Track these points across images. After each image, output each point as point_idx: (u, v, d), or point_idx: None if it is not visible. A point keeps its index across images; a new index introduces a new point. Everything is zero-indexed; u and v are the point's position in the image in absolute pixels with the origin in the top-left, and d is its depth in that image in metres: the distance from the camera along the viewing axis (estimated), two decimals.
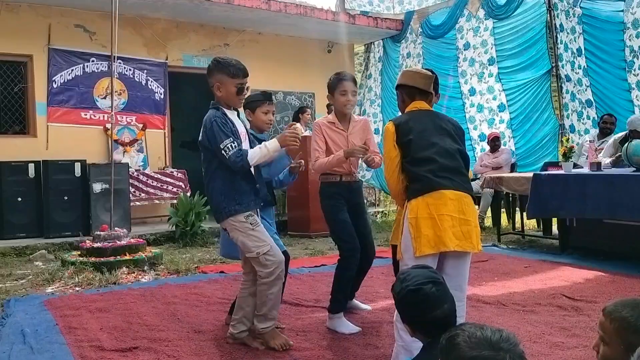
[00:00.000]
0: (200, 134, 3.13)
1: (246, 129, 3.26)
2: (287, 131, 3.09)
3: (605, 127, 6.69)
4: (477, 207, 7.82)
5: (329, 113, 4.63)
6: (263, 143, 3.10)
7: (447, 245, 2.62)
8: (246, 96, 3.35)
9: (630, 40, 6.85)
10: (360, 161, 3.82)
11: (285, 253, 3.54)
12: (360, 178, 3.98)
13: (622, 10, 6.91)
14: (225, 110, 3.15)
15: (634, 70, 6.87)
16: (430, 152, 2.75)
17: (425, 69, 3.04)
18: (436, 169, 2.71)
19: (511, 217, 7.70)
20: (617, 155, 5.84)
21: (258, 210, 3.22)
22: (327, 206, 3.72)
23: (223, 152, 2.98)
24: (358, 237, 3.66)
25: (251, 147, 3.18)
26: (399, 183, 2.83)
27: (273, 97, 4.11)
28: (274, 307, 3.17)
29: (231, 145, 2.97)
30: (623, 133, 6.18)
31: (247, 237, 3.07)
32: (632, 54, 6.87)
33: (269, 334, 3.19)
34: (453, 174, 2.74)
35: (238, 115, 3.27)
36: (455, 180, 2.73)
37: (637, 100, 6.87)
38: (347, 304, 3.81)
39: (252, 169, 3.16)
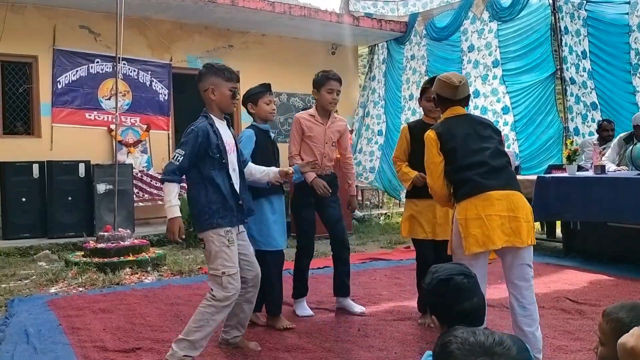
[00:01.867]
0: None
1: (235, 140, 3.21)
2: (176, 233, 2.94)
3: (606, 135, 6.66)
4: None
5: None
6: (172, 203, 2.94)
7: (495, 244, 2.73)
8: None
9: (635, 42, 6.84)
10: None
11: (281, 253, 3.73)
12: (332, 171, 4.09)
13: (627, 13, 6.89)
14: (215, 119, 3.06)
15: (639, 73, 6.86)
16: (475, 157, 2.86)
17: (456, 75, 3.09)
18: (483, 172, 2.83)
19: None
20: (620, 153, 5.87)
21: (238, 227, 3.11)
22: (293, 200, 4.09)
23: (172, 155, 2.98)
24: (327, 228, 3.98)
25: (239, 158, 3.18)
26: (444, 187, 2.94)
27: (277, 98, 4.23)
28: (207, 336, 2.93)
29: (178, 157, 2.92)
30: (628, 132, 6.16)
31: (220, 253, 2.93)
32: (637, 57, 6.85)
33: None
34: (499, 173, 2.85)
35: (228, 124, 3.20)
36: (501, 180, 2.83)
37: None
38: (305, 291, 4.05)
39: (237, 184, 3.08)
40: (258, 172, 3.27)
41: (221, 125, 3.10)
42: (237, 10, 8.51)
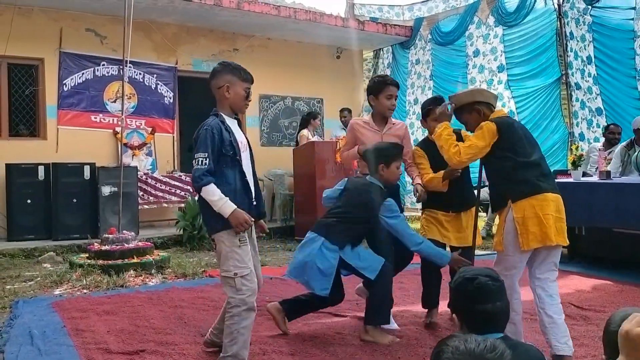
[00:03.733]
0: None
1: (247, 139, 3.16)
2: (246, 220, 2.84)
3: (612, 138, 6.65)
4: (485, 214, 7.78)
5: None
6: (223, 199, 2.82)
7: (552, 240, 2.95)
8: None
9: None
10: None
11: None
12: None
13: (633, 19, 6.89)
14: (225, 117, 3.01)
15: None
16: (534, 158, 3.07)
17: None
18: (539, 174, 3.04)
19: None
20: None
21: (251, 229, 3.05)
22: None
23: (194, 161, 2.85)
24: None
25: (251, 157, 3.12)
26: (460, 164, 3.22)
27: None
28: (245, 345, 2.86)
29: (203, 161, 2.83)
30: (628, 140, 6.16)
31: (231, 254, 2.86)
32: None
33: None
34: (549, 177, 3.10)
35: (239, 124, 3.15)
36: (551, 184, 3.07)
37: None
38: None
39: (251, 184, 3.04)
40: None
41: (232, 124, 3.04)
42: (243, 14, 8.53)
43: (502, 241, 3.07)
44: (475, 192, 3.77)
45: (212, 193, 2.80)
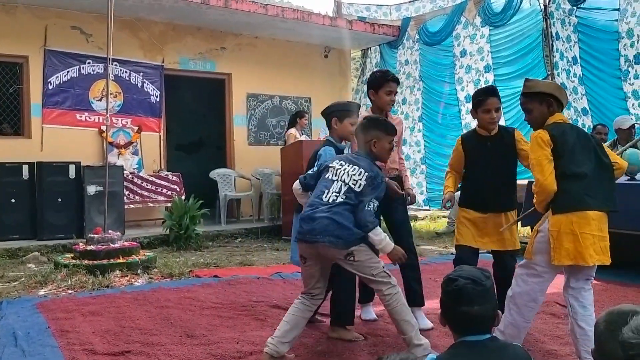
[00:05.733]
0: (366, 179, 3.10)
1: None
2: (404, 254, 3.16)
3: (599, 139, 6.70)
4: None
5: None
6: (385, 237, 3.10)
7: (587, 261, 2.82)
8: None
9: (625, 49, 6.90)
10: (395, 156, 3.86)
11: None
12: (397, 173, 3.95)
13: (617, 20, 6.96)
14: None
15: (629, 80, 6.92)
16: (581, 169, 2.87)
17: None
18: (585, 186, 2.86)
19: None
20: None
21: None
22: None
23: (370, 203, 3.07)
24: (391, 232, 3.82)
25: None
26: (554, 184, 2.87)
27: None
28: (410, 313, 3.13)
29: (374, 206, 3.11)
30: (611, 140, 6.24)
31: (372, 257, 3.12)
32: (627, 63, 6.91)
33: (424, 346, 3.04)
34: (598, 191, 2.90)
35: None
36: (599, 199, 2.89)
37: (633, 109, 6.91)
38: (370, 296, 3.92)
39: None
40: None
41: None
42: (230, 12, 8.50)
43: (533, 250, 2.99)
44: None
45: (380, 233, 3.07)
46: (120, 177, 7.56)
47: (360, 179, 3.09)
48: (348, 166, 3.17)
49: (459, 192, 3.86)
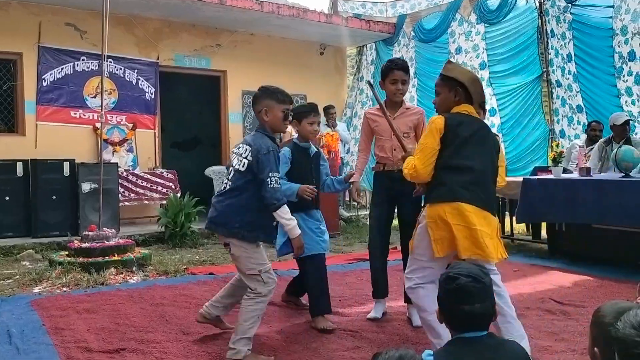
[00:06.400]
0: (250, 155, 3.08)
1: None
2: (302, 249, 3.21)
3: (594, 135, 6.73)
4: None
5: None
6: (294, 221, 3.12)
7: (460, 253, 2.73)
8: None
9: (619, 46, 6.91)
10: (354, 165, 3.95)
11: (318, 257, 3.79)
12: None
13: (611, 17, 6.97)
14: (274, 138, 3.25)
15: (623, 77, 6.93)
16: (466, 163, 2.81)
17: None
18: (464, 181, 2.78)
19: (501, 221, 7.71)
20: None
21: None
22: (371, 196, 4.14)
23: (269, 179, 3.00)
24: (400, 227, 3.94)
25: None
26: (429, 175, 2.85)
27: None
28: (257, 327, 3.17)
29: (277, 180, 3.05)
30: (607, 136, 6.25)
31: (252, 256, 3.10)
32: (621, 60, 6.92)
33: (253, 355, 3.08)
34: (479, 189, 2.81)
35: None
36: (478, 196, 2.79)
37: (627, 106, 6.93)
38: (378, 293, 4.00)
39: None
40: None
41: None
42: (225, 9, 8.47)
43: (414, 243, 2.94)
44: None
45: (287, 212, 3.07)
46: (115, 175, 7.53)
47: (246, 157, 3.08)
48: (238, 148, 3.20)
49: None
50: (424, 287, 2.88)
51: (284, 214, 3.05)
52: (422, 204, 3.57)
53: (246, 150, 3.10)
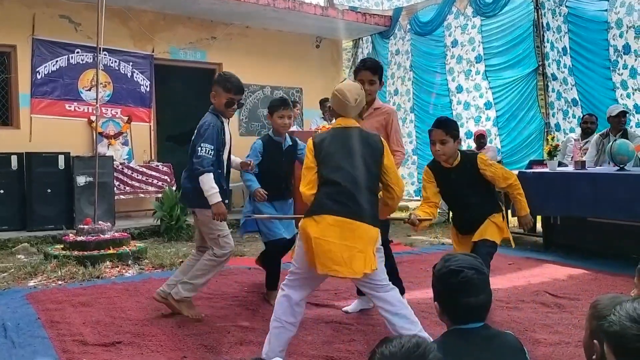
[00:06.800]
0: (196, 130, 3.59)
1: (230, 135, 3.75)
2: (224, 213, 3.48)
3: (586, 127, 6.75)
4: None
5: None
6: (215, 190, 3.44)
7: (317, 269, 2.68)
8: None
9: (614, 39, 6.92)
10: None
11: (280, 241, 4.05)
12: None
13: (606, 10, 6.97)
14: (222, 119, 3.66)
15: (618, 70, 6.94)
16: (332, 175, 2.78)
17: (353, 90, 2.95)
18: (333, 192, 2.74)
19: None
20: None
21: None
22: None
23: (200, 149, 3.46)
24: None
25: (229, 153, 3.76)
26: (308, 191, 2.82)
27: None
28: (205, 283, 3.73)
29: (209, 151, 3.47)
30: (605, 130, 6.26)
31: (212, 222, 3.55)
32: (616, 54, 6.93)
33: (188, 303, 3.67)
34: (350, 200, 2.73)
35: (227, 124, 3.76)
36: (346, 206, 2.71)
37: (622, 99, 6.94)
38: None
39: (224, 172, 3.69)
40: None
41: (225, 123, 3.70)
42: (221, 1, 8.43)
43: (294, 254, 2.92)
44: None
45: (210, 180, 3.44)
46: (110, 168, 7.51)
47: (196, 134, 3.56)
48: None
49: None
50: (285, 292, 2.84)
51: (205, 182, 3.43)
52: None
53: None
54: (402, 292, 3.72)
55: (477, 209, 3.58)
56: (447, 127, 3.51)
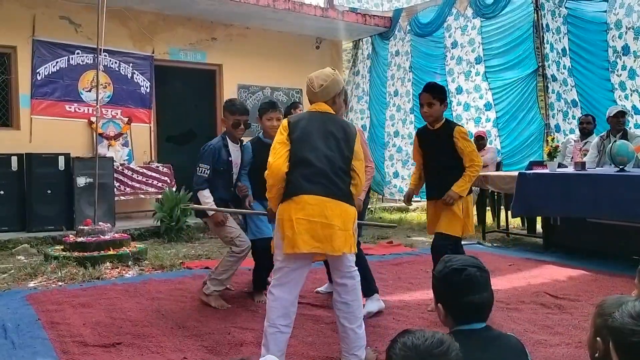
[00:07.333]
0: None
1: (242, 159, 4.16)
2: (219, 224, 3.95)
3: (582, 128, 6.75)
4: None
5: None
6: (210, 200, 3.93)
7: (300, 248, 2.69)
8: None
9: (613, 40, 6.92)
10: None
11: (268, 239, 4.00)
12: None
13: (606, 11, 6.97)
14: (229, 141, 4.08)
15: (617, 71, 6.94)
16: (307, 155, 2.80)
17: (320, 77, 3.02)
18: (309, 173, 2.77)
19: (496, 215, 7.75)
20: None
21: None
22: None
23: (197, 168, 3.97)
24: None
25: (241, 170, 4.18)
26: (282, 168, 2.78)
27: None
28: (230, 277, 4.11)
29: (205, 171, 3.95)
30: (606, 131, 6.26)
31: (224, 228, 3.99)
32: (615, 55, 6.93)
33: (215, 297, 4.04)
34: (325, 178, 2.77)
35: (241, 145, 4.18)
36: (323, 185, 2.76)
37: (620, 100, 6.94)
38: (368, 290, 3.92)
39: (229, 185, 4.13)
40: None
41: (233, 146, 4.09)
42: (221, 2, 8.44)
43: (274, 243, 2.92)
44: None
45: (203, 196, 3.95)
46: (110, 169, 7.52)
47: None
48: None
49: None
50: (275, 296, 2.81)
51: (200, 198, 3.95)
52: None
53: None
54: (375, 291, 3.93)
55: (446, 176, 3.84)
56: (434, 90, 3.86)
